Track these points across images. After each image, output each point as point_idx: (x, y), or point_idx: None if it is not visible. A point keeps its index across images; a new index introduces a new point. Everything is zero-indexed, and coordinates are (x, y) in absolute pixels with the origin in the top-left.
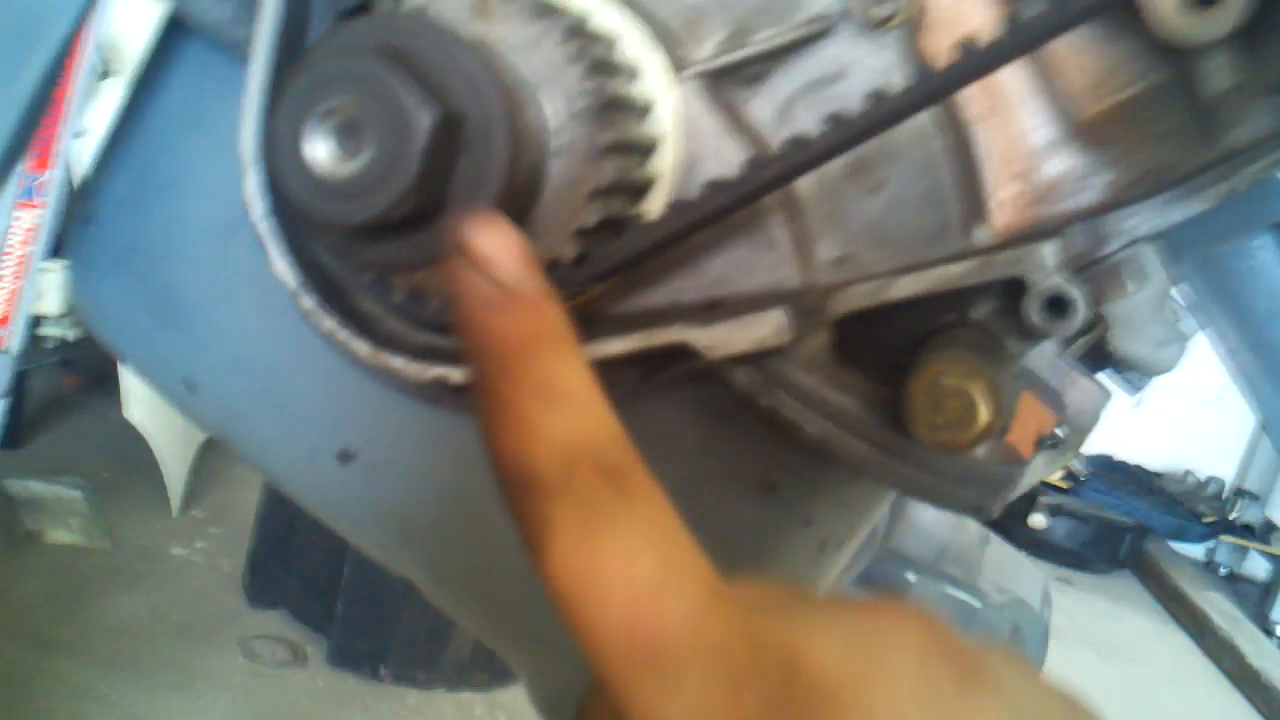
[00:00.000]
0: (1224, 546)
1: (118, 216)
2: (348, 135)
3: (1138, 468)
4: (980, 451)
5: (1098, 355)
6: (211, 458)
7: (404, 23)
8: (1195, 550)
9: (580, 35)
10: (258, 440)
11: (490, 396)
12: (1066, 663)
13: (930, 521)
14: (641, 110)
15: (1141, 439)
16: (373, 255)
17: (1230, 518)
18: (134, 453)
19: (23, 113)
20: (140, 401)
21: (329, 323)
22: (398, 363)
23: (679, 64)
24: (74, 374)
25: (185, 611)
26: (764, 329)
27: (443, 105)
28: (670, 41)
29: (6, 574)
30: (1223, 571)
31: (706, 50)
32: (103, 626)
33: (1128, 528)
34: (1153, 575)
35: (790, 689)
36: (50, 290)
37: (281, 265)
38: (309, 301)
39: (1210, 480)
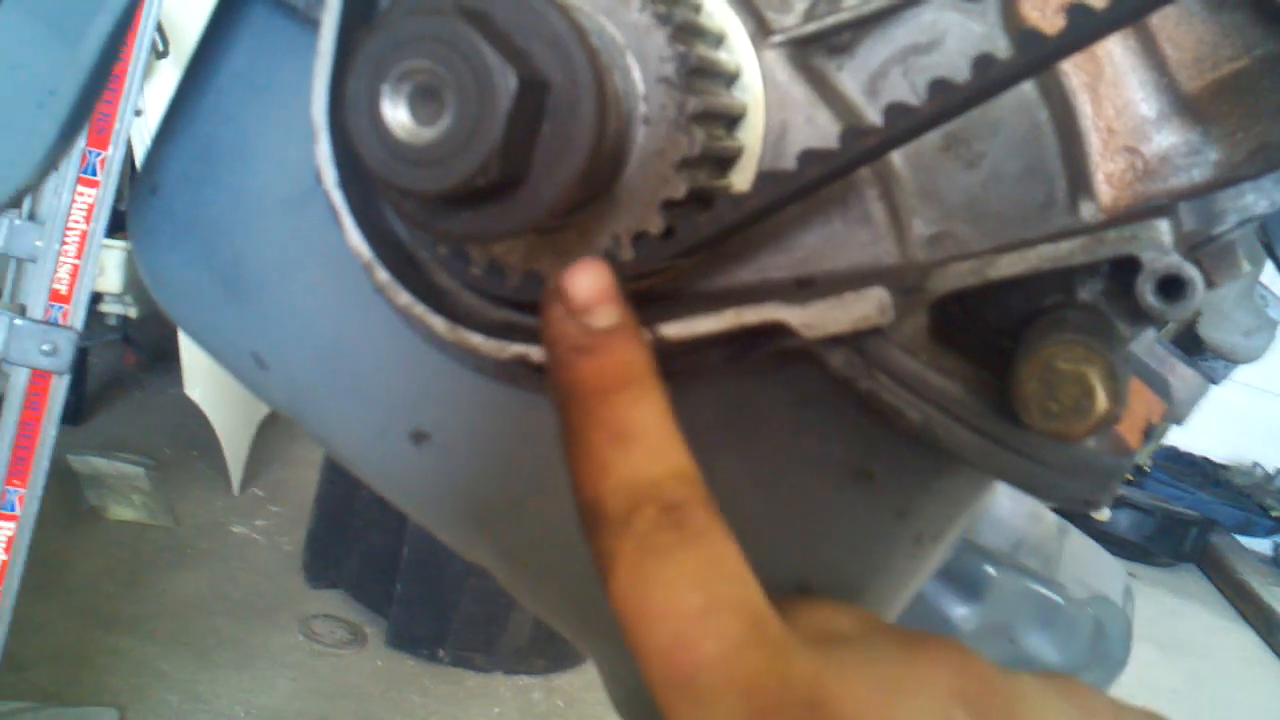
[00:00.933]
0: None
1: (182, 187)
2: (427, 99)
3: (1204, 459)
4: (1089, 442)
5: (1184, 342)
6: (271, 436)
7: None
8: (1262, 545)
9: None
10: (327, 419)
11: (569, 433)
12: (1129, 659)
13: (1006, 512)
14: (729, 77)
15: (1208, 430)
16: (452, 226)
17: None
18: (194, 430)
19: (84, 81)
20: (200, 379)
21: (404, 297)
22: (476, 340)
23: (764, 30)
24: (135, 351)
25: (245, 590)
26: (865, 307)
27: (527, 68)
28: (754, 6)
29: (69, 549)
30: None
31: (793, 16)
32: (163, 603)
33: (1193, 521)
34: (1218, 570)
35: None
36: (111, 267)
37: (355, 237)
38: (383, 275)
39: (1279, 473)
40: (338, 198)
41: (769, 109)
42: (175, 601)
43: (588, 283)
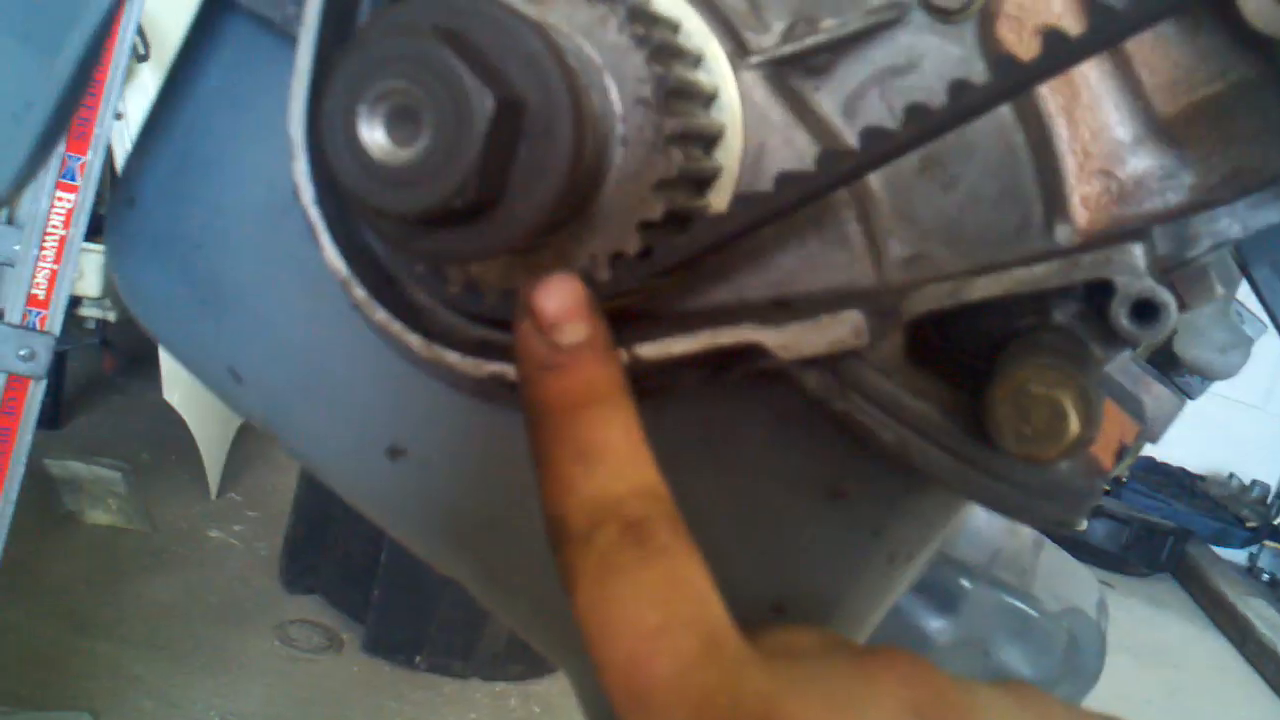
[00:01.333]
0: (1267, 552)
1: (159, 200)
2: (404, 120)
3: (1180, 470)
4: (1063, 463)
5: (1160, 360)
6: (249, 441)
7: (462, 2)
8: (1238, 555)
9: (644, 18)
10: (303, 433)
11: (536, 448)
12: (1105, 668)
13: (982, 525)
14: (707, 98)
15: (1185, 441)
16: (429, 246)
17: (1274, 523)
18: (172, 435)
19: (63, 88)
20: (179, 384)
21: (381, 314)
22: (453, 358)
23: (742, 51)
24: (113, 355)
25: (222, 595)
26: (840, 330)
27: (504, 89)
28: (732, 28)
29: (45, 553)
30: (1265, 577)
31: (770, 37)
32: (139, 608)
33: (1169, 531)
34: (1194, 580)
35: None
36: (89, 271)
37: (332, 254)
38: (360, 292)
39: (1254, 484)
40: (315, 214)
41: (747, 129)
42: (151, 606)
43: (557, 299)
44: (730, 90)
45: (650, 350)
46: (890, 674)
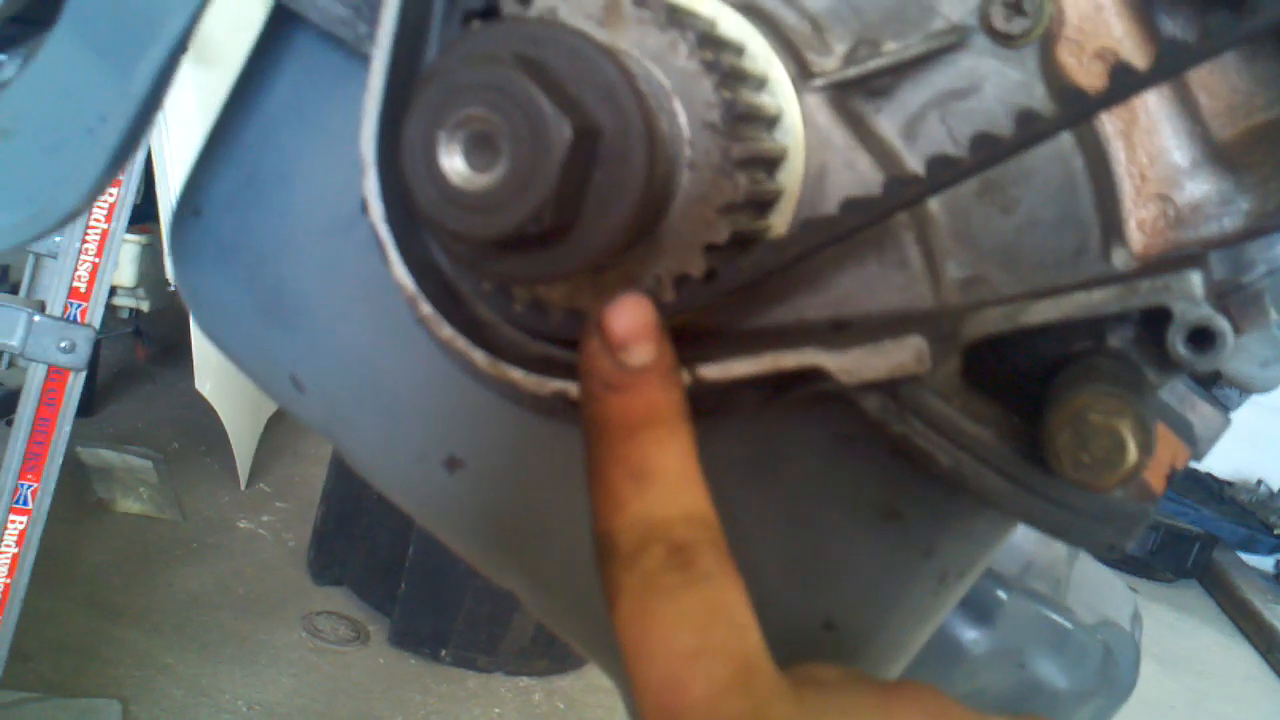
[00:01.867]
0: None
1: (225, 211)
2: (482, 146)
3: (1208, 475)
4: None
5: (1198, 374)
6: (279, 432)
7: (539, 30)
8: (1265, 562)
9: (711, 44)
10: (363, 443)
11: (591, 464)
12: None
13: (1017, 535)
14: (771, 121)
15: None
16: (501, 268)
17: None
18: (203, 424)
19: (139, 105)
20: (210, 374)
21: (447, 330)
22: (516, 374)
23: (805, 73)
24: (145, 344)
25: (250, 585)
26: (903, 355)
27: (581, 117)
28: (795, 50)
29: (77, 541)
30: None
31: (833, 60)
32: (169, 597)
33: (1195, 537)
34: (1220, 586)
35: None
36: (124, 261)
37: (400, 270)
38: (427, 308)
39: None
40: (384, 231)
41: (809, 151)
42: (181, 595)
43: (627, 319)
44: (793, 113)
45: (713, 371)
46: (911, 708)
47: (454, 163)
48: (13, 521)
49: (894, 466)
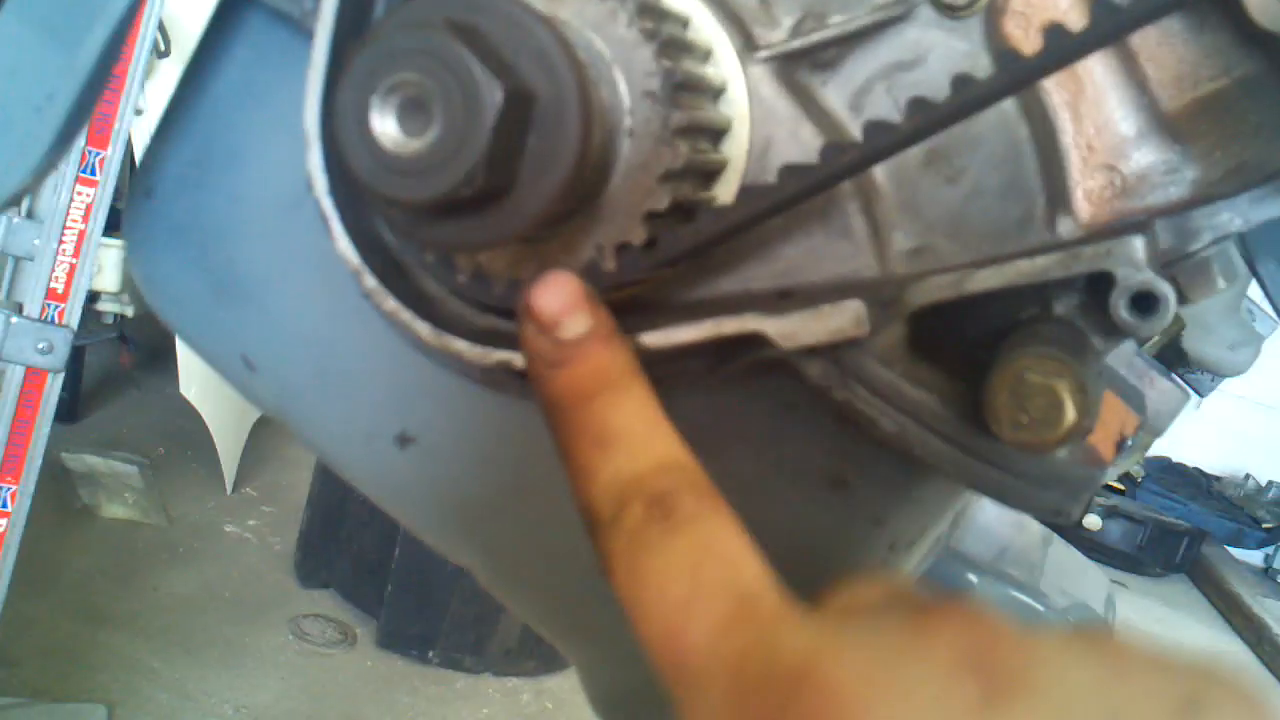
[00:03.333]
0: None
1: (177, 191)
2: (415, 111)
3: (1196, 470)
4: (1061, 453)
5: (1169, 355)
6: (265, 437)
7: None
8: (1253, 556)
9: (653, 13)
10: (314, 421)
11: (559, 444)
12: None
13: (991, 520)
14: (714, 92)
15: (1200, 441)
16: (438, 234)
17: None
18: (188, 429)
19: (83, 82)
20: (195, 379)
21: (390, 303)
22: (460, 346)
23: (751, 45)
24: (130, 350)
25: (237, 589)
26: (841, 319)
27: (513, 81)
28: (741, 23)
29: (62, 546)
30: None
31: (779, 32)
32: (155, 601)
33: (1184, 531)
34: (1209, 581)
35: (798, 697)
36: (108, 266)
37: (344, 243)
38: (371, 281)
39: (1270, 485)
40: (328, 205)
41: (754, 123)
42: (167, 599)
43: (552, 297)
44: (738, 84)
45: (654, 339)
46: (947, 625)
47: (387, 127)
48: None
49: (840, 435)
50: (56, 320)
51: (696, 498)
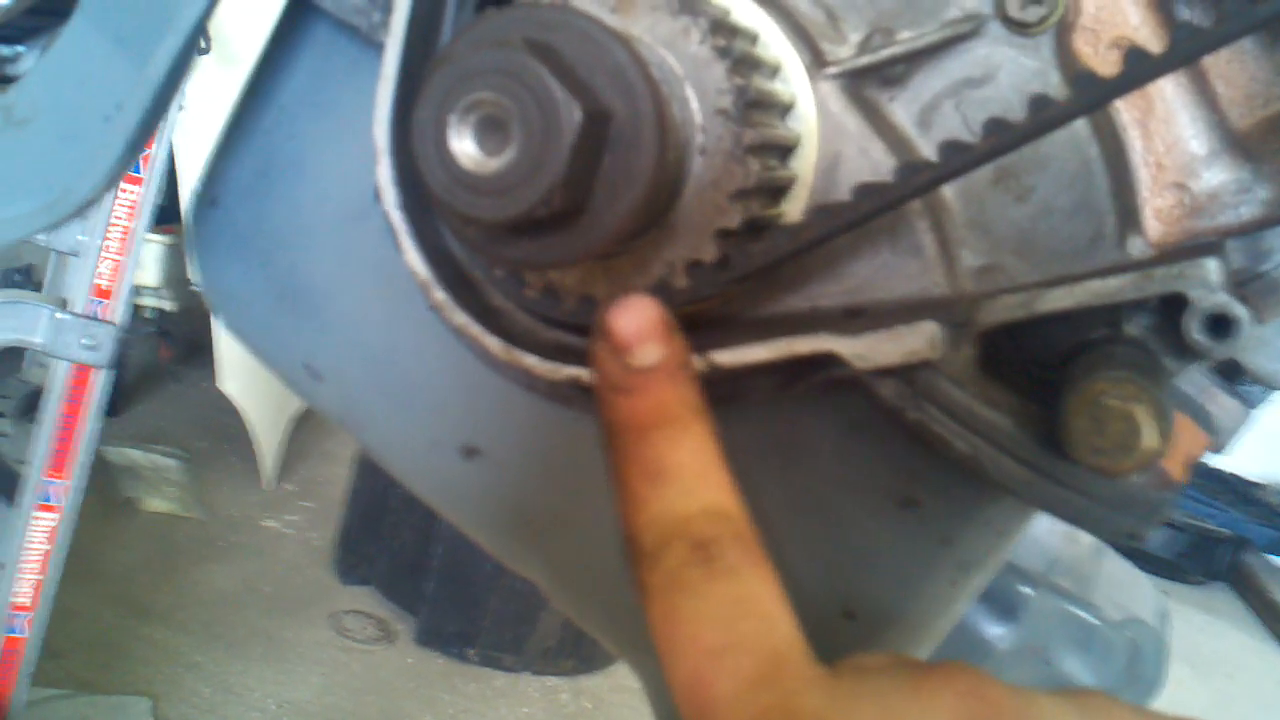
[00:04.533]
0: None
1: (242, 200)
2: (493, 130)
3: (1236, 477)
4: (1134, 475)
5: (1221, 366)
6: (303, 432)
7: (551, 15)
8: None
9: (724, 30)
10: (379, 431)
11: (611, 467)
12: None
13: (1042, 531)
14: (784, 108)
15: (1242, 447)
16: (512, 252)
17: None
18: (227, 424)
19: (154, 93)
20: (234, 374)
21: (460, 317)
22: (531, 361)
23: (819, 61)
24: (170, 344)
25: (276, 584)
26: (917, 341)
27: (591, 101)
28: (810, 38)
29: (105, 539)
30: None
31: (847, 48)
32: (196, 595)
33: (1225, 539)
34: (1251, 589)
35: None
36: (149, 261)
37: (413, 256)
38: (440, 294)
39: None
40: (398, 218)
41: (822, 139)
42: (208, 594)
43: (630, 320)
44: (807, 100)
45: (727, 358)
46: (945, 687)
47: (465, 146)
48: (39, 518)
49: (911, 454)
50: (102, 316)
51: (741, 550)
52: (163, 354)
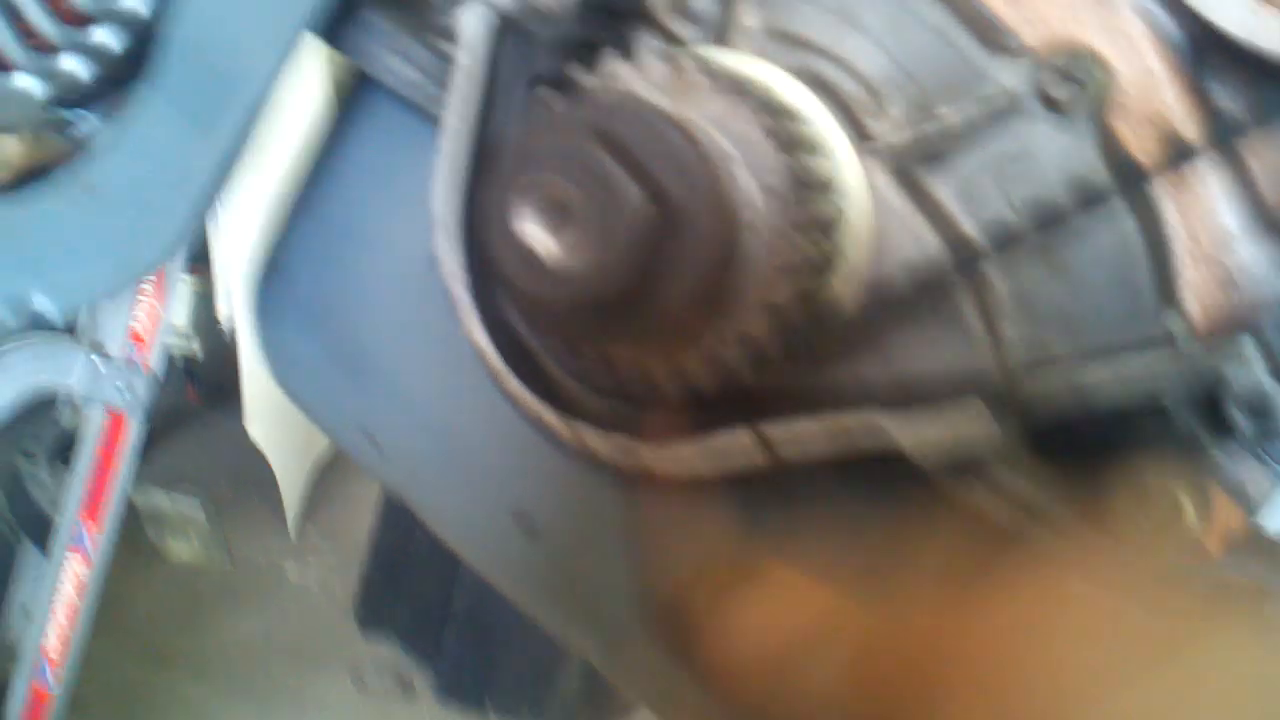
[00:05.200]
0: None
1: (303, 267)
2: (557, 213)
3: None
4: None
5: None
6: (327, 479)
7: (614, 101)
8: None
9: (771, 110)
10: (436, 500)
11: None
12: None
13: None
14: (829, 185)
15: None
16: (574, 329)
17: None
18: (252, 469)
19: (219, 162)
20: (260, 418)
21: (515, 384)
22: (595, 442)
23: (862, 136)
24: (197, 387)
25: (298, 635)
26: (970, 427)
27: (652, 186)
28: (852, 114)
29: (129, 586)
30: None
31: (888, 123)
32: (219, 645)
33: None
34: None
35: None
36: (177, 304)
37: (473, 325)
38: (497, 362)
39: None
40: (459, 289)
41: (868, 214)
42: (230, 644)
43: None
44: (851, 176)
45: (778, 432)
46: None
47: (530, 228)
48: (71, 567)
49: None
50: (137, 360)
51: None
52: (190, 396)
